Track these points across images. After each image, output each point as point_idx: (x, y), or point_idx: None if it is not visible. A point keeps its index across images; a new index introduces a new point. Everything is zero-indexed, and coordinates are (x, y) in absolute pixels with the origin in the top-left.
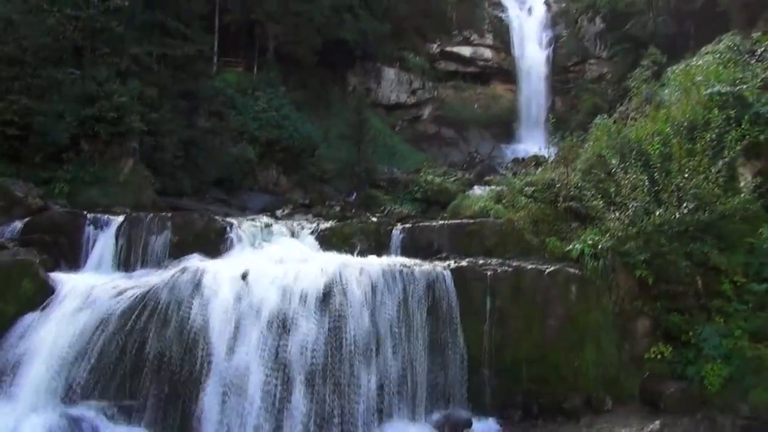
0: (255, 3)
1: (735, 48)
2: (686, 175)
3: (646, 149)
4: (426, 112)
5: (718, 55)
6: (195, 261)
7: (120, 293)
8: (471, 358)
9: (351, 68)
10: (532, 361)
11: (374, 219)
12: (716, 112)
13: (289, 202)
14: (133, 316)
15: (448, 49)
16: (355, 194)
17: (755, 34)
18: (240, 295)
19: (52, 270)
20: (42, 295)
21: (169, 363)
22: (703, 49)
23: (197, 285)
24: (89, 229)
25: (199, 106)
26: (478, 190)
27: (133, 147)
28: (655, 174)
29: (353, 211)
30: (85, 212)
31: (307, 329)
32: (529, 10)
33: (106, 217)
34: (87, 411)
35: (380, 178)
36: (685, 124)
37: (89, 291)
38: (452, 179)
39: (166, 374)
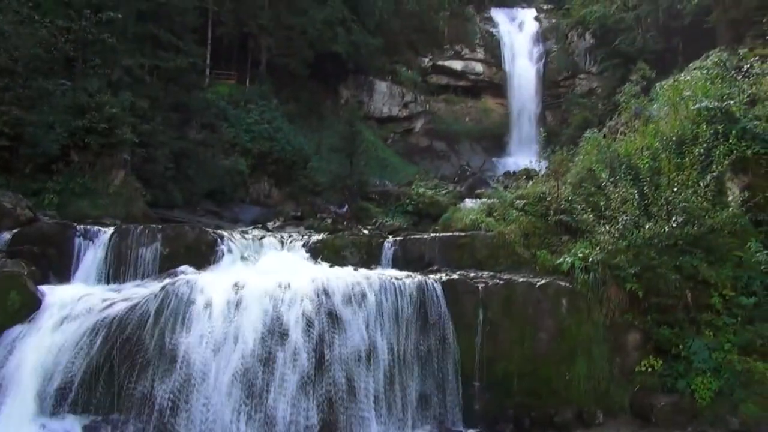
0: (248, 16)
1: (722, 64)
2: (675, 189)
3: (636, 163)
4: (418, 125)
5: (705, 71)
6: (185, 273)
7: (108, 305)
8: (462, 371)
9: (343, 81)
10: (524, 374)
11: (366, 231)
12: (704, 127)
13: (281, 214)
14: (121, 329)
15: (440, 63)
16: (346, 207)
17: (742, 51)
18: (230, 307)
19: (41, 282)
20: (29, 307)
21: (155, 377)
22: (691, 64)
23: (186, 298)
24: (79, 241)
25: (191, 118)
26: (469, 203)
27: (124, 158)
28: (645, 188)
29: (345, 223)
30: (74, 224)
31: (297, 342)
32: (520, 26)
33: (95, 228)
34: (72, 424)
35: (372, 191)
36: (674, 138)
37: (77, 303)
38: (444, 192)
39: (153, 388)
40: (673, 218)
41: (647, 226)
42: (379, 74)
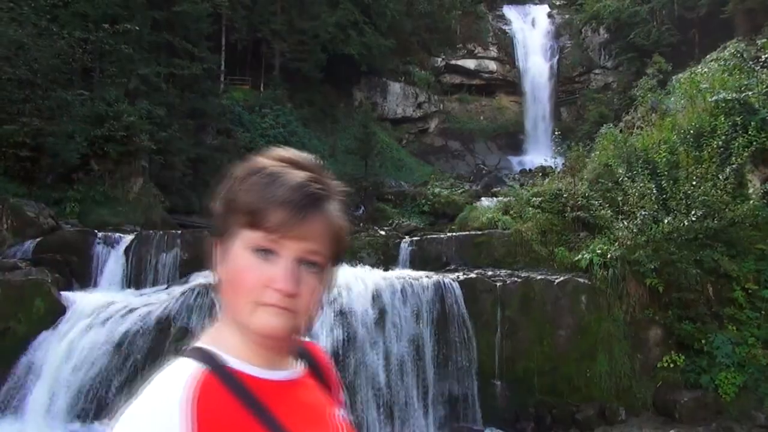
0: (261, 21)
1: (739, 55)
2: (694, 183)
3: (653, 158)
4: (432, 125)
5: (722, 63)
6: (205, 278)
7: (130, 311)
8: (482, 370)
9: (357, 83)
10: (544, 372)
11: (382, 232)
12: (722, 119)
13: None
14: (144, 335)
15: (453, 62)
16: (363, 208)
17: (760, 41)
18: None
19: (64, 289)
20: (54, 314)
21: None
22: (708, 56)
23: (208, 302)
24: (100, 248)
25: (207, 124)
26: (485, 202)
27: (142, 166)
28: (663, 182)
29: (361, 224)
30: (95, 231)
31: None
32: (533, 22)
33: (116, 235)
34: (96, 430)
35: (388, 192)
36: (692, 131)
37: (100, 309)
38: (460, 191)
39: None
40: (693, 212)
41: (666, 221)
42: (393, 75)
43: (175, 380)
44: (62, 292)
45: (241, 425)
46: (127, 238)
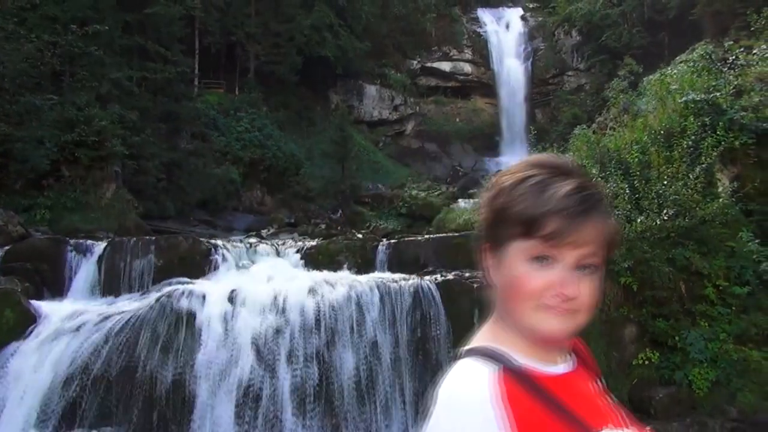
0: (235, 24)
1: (708, 57)
2: (665, 182)
3: (626, 158)
4: (409, 127)
5: (691, 64)
6: (180, 284)
7: (103, 319)
8: None
9: (333, 86)
10: None
11: (359, 236)
12: (692, 119)
13: (275, 221)
14: (117, 343)
15: (429, 64)
16: (340, 211)
17: (727, 43)
18: (226, 317)
19: (35, 298)
20: (24, 325)
21: (154, 390)
22: (678, 58)
23: (181, 308)
24: (71, 256)
25: (181, 128)
26: (462, 204)
27: (114, 171)
28: (635, 182)
29: (339, 228)
30: (67, 238)
31: (296, 349)
32: (507, 25)
33: (88, 242)
34: None
35: (365, 195)
36: (662, 132)
37: (72, 319)
38: (436, 193)
39: (153, 402)
40: (665, 211)
41: (639, 220)
42: (368, 78)
43: (476, 380)
44: (33, 302)
45: (546, 418)
46: (100, 245)
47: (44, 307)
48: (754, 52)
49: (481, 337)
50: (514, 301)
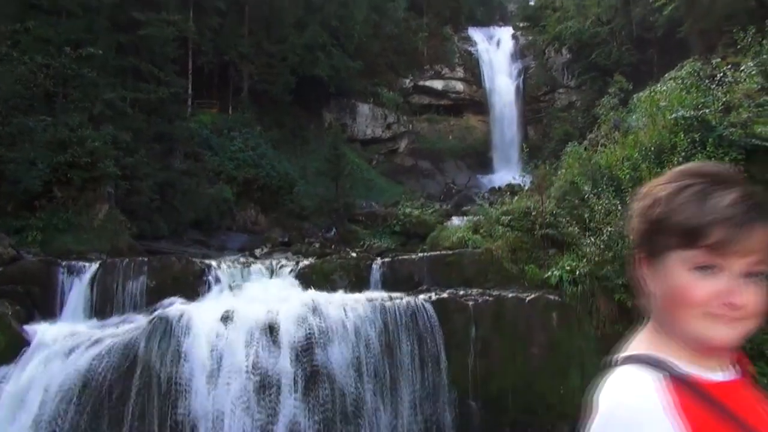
0: (228, 45)
1: (696, 74)
2: None
3: (617, 174)
4: (402, 145)
5: (680, 81)
6: (172, 305)
7: (95, 342)
8: (457, 390)
9: (326, 105)
10: (518, 390)
11: (354, 254)
12: (682, 135)
13: (269, 240)
14: (109, 366)
15: (421, 83)
16: (334, 230)
17: (715, 60)
18: (219, 339)
19: (26, 321)
20: (15, 348)
21: (145, 415)
22: (667, 75)
23: (174, 331)
24: (63, 277)
25: (175, 148)
26: (456, 221)
27: (107, 192)
28: (627, 198)
29: (333, 246)
30: (58, 260)
31: (289, 370)
32: (498, 44)
33: (80, 264)
34: None
35: (359, 213)
36: (653, 148)
37: (63, 342)
38: (430, 211)
39: (144, 427)
40: None
41: (632, 236)
42: (361, 97)
43: (643, 389)
44: (24, 326)
45: (719, 427)
46: (92, 267)
47: (35, 330)
48: (742, 69)
49: (638, 345)
50: (677, 309)
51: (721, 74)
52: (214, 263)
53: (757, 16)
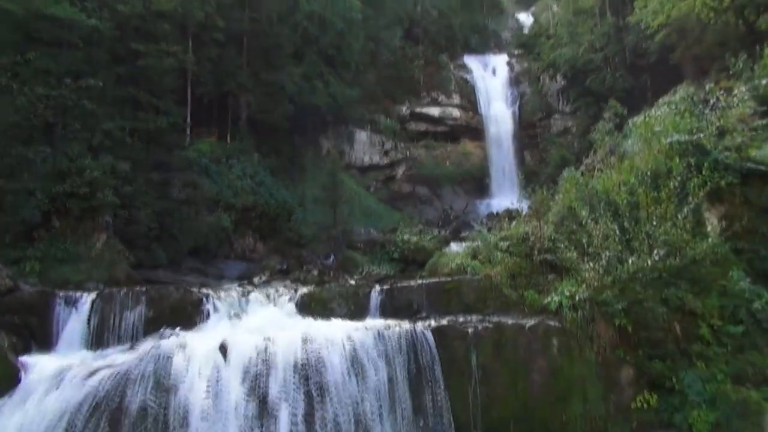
0: (227, 75)
1: (689, 99)
2: (654, 223)
3: (614, 199)
4: (399, 171)
5: (674, 106)
6: (170, 336)
7: (91, 374)
8: (457, 419)
9: (323, 133)
10: (520, 418)
11: (352, 282)
12: (677, 160)
13: (267, 268)
14: (106, 398)
15: (418, 110)
16: (332, 257)
17: (708, 85)
18: (217, 371)
19: (23, 353)
20: (11, 381)
21: None
22: (661, 100)
23: (171, 362)
24: (60, 308)
25: (173, 177)
26: (454, 247)
27: (106, 221)
28: (625, 223)
29: (331, 274)
30: (56, 291)
31: (288, 399)
32: (493, 71)
33: (78, 294)
34: None
35: (357, 240)
36: (649, 173)
37: (60, 373)
38: (428, 237)
39: None
40: (655, 251)
41: (630, 261)
42: (359, 124)
43: None
44: (20, 358)
45: None
46: (89, 297)
47: (31, 361)
48: (734, 93)
49: None
50: None
51: (715, 99)
52: (212, 292)
53: (748, 42)
